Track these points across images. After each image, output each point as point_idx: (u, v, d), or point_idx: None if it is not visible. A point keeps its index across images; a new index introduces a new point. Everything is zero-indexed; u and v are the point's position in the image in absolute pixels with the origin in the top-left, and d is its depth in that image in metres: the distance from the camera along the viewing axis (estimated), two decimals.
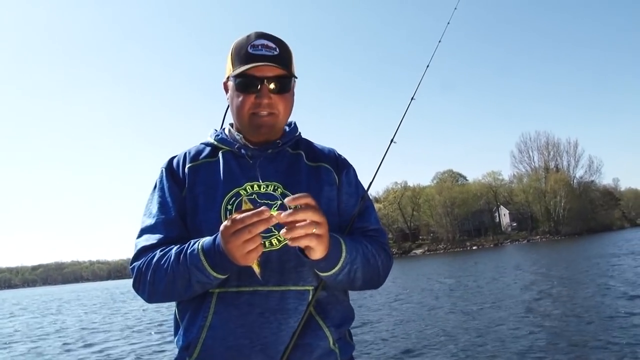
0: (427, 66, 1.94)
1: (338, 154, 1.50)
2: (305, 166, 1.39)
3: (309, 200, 1.04)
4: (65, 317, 21.45)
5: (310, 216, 1.03)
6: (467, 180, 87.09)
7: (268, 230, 1.16)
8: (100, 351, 10.57)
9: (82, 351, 10.86)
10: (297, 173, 1.36)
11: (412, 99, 1.81)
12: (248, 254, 1.04)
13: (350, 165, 1.48)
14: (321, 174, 1.38)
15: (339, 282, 1.23)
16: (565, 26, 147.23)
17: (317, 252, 1.09)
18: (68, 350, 11.19)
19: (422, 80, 1.86)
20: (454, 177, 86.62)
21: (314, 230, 1.03)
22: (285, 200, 1.03)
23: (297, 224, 1.02)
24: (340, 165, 1.45)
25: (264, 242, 1.19)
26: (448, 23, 2.24)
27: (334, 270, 1.18)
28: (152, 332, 12.74)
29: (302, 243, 1.05)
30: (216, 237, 1.11)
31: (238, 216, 1.02)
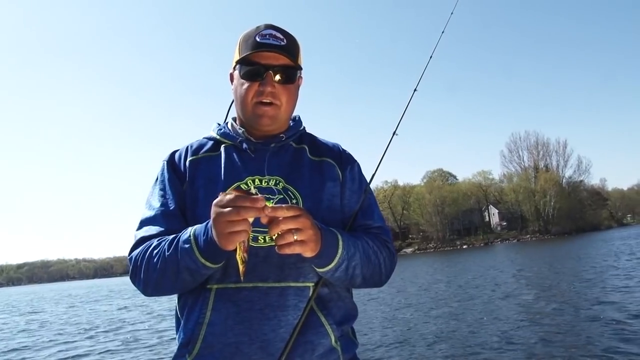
0: (430, 57, 1.95)
1: (342, 149, 1.46)
2: (309, 161, 1.37)
3: (284, 212, 1.01)
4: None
5: (285, 225, 1.01)
6: (457, 179, 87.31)
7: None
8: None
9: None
10: (300, 167, 1.34)
11: (414, 90, 1.80)
12: (230, 234, 1.01)
13: (355, 161, 1.45)
14: (324, 169, 1.36)
15: (337, 279, 1.22)
16: (554, 27, 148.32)
17: (307, 253, 1.09)
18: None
19: (425, 71, 1.86)
20: (444, 176, 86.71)
21: (295, 238, 1.02)
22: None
23: (275, 234, 1.02)
24: (345, 160, 1.42)
25: (265, 237, 1.21)
26: (452, 13, 2.23)
27: (330, 267, 1.16)
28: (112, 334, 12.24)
29: (286, 251, 1.04)
30: (208, 222, 1.09)
31: (233, 194, 1.01)
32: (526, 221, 75.72)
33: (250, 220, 1.01)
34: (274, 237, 1.03)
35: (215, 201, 1.04)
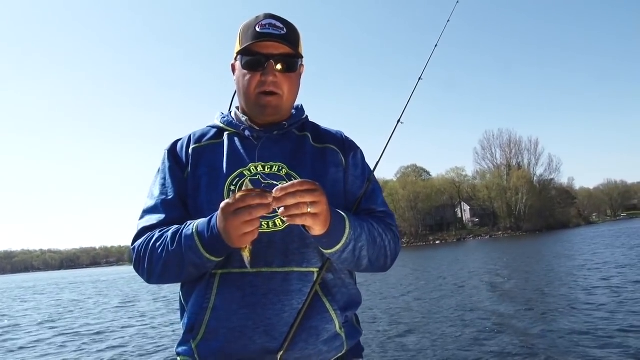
0: (435, 45, 1.96)
1: (345, 136, 1.47)
2: (311, 147, 1.38)
3: (298, 187, 1.01)
4: None
5: (301, 198, 1.01)
6: (430, 175, 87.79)
7: (272, 211, 1.21)
8: None
9: None
10: (303, 154, 1.35)
11: (419, 78, 1.82)
12: (244, 235, 1.04)
13: (358, 148, 1.46)
14: (327, 155, 1.37)
15: (344, 261, 1.22)
16: (527, 27, 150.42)
17: (316, 229, 1.09)
18: None
19: (430, 60, 1.88)
20: (418, 172, 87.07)
21: (308, 210, 1.02)
22: (273, 190, 1.01)
23: (290, 205, 1.01)
24: (347, 147, 1.43)
25: (268, 222, 1.23)
26: (457, 2, 2.23)
27: (337, 247, 1.16)
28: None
29: (297, 221, 1.04)
30: (211, 218, 1.12)
31: (241, 195, 1.02)
32: (498, 218, 76.50)
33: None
34: (280, 208, 1.02)
35: (222, 206, 1.05)
